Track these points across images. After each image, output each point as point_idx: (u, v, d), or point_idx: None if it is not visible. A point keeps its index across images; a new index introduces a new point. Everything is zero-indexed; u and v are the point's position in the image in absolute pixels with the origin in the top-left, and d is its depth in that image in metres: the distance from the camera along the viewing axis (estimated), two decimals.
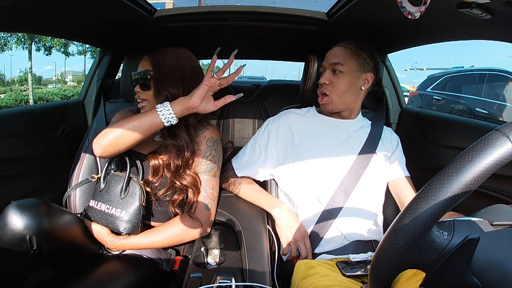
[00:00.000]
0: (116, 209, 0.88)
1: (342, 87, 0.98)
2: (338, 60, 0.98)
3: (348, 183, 0.96)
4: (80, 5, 0.88)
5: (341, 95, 0.99)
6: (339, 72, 0.98)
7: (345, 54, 0.99)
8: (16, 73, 18.03)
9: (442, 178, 0.36)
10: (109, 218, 0.88)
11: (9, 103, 11.33)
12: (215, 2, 9.85)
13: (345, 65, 0.98)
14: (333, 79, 0.98)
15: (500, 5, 0.62)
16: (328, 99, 1.00)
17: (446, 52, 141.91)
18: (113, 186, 0.91)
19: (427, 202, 0.35)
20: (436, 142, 1.21)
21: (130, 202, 0.88)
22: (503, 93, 4.31)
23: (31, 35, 10.49)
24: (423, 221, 0.36)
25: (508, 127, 0.35)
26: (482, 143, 0.35)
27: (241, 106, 2.04)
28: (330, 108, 1.01)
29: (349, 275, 0.81)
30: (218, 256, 0.87)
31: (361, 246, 0.93)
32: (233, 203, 1.02)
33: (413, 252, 0.37)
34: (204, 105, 0.86)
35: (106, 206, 0.89)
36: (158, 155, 0.91)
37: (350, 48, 1.00)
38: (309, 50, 1.27)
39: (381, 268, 0.38)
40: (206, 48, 1.45)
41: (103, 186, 0.92)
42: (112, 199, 0.90)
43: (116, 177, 0.92)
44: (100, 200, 0.91)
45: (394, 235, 0.37)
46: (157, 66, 0.92)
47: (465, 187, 0.35)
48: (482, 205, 0.46)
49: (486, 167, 0.34)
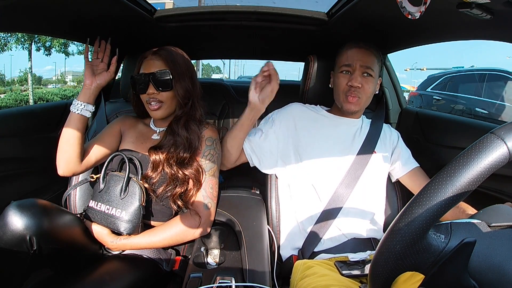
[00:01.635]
0: (116, 209, 0.88)
1: (370, 91, 0.99)
2: (370, 64, 0.98)
3: (348, 182, 0.96)
4: (80, 5, 0.87)
5: (368, 98, 1.01)
6: (368, 75, 0.98)
7: (373, 58, 0.99)
8: (16, 73, 18.05)
9: (436, 183, 0.36)
10: (109, 218, 0.88)
11: (9, 103, 11.33)
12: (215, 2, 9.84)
13: (374, 70, 0.99)
14: (363, 82, 0.98)
15: (500, 5, 0.62)
16: (358, 101, 0.99)
17: (446, 52, 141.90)
18: (113, 186, 0.90)
19: (422, 207, 0.36)
20: (436, 142, 1.22)
21: (130, 202, 0.88)
22: (503, 93, 4.31)
23: (31, 35, 10.49)
24: (418, 226, 0.36)
25: (504, 130, 0.35)
26: (476, 146, 0.35)
27: (241, 106, 2.04)
28: (356, 109, 1.00)
29: (347, 275, 0.81)
30: (218, 256, 0.87)
31: (360, 244, 0.93)
32: (233, 203, 1.02)
33: (410, 255, 0.37)
34: (99, 79, 0.93)
35: (106, 206, 0.89)
36: (159, 150, 0.90)
37: (373, 52, 1.00)
38: (309, 50, 1.27)
39: (379, 271, 0.39)
40: (206, 48, 1.45)
41: (103, 186, 0.92)
42: (112, 199, 0.89)
43: (116, 177, 0.91)
44: (99, 201, 0.90)
45: (390, 240, 0.37)
46: (174, 65, 0.92)
47: (460, 191, 0.35)
48: (481, 205, 0.46)
49: (481, 172, 0.34)
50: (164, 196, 0.92)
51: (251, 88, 0.93)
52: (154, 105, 0.93)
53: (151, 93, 0.92)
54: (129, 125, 1.03)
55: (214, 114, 2.05)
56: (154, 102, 0.93)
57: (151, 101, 0.93)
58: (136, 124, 1.04)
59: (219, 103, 1.98)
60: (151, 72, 0.91)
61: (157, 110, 0.94)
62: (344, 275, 0.81)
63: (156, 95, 0.92)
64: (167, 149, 0.90)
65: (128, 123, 1.04)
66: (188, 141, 0.91)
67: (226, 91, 2.01)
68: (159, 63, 0.92)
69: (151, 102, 0.93)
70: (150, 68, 0.92)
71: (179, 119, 0.94)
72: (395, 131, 1.11)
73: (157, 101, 0.93)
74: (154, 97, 0.92)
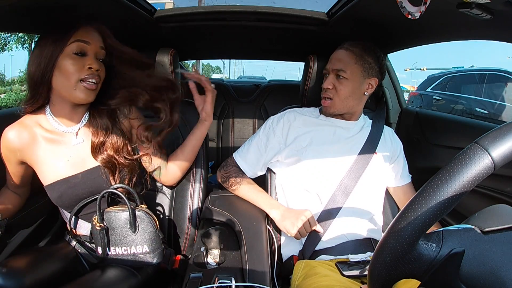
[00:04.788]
0: (136, 246, 0.81)
1: (345, 93, 0.98)
2: (341, 66, 0.97)
3: (348, 182, 0.96)
4: (79, 5, 0.87)
5: (343, 100, 0.99)
6: (342, 77, 0.97)
7: (349, 59, 0.97)
8: (16, 73, 18.00)
9: (421, 197, 0.36)
10: (132, 257, 0.82)
11: (9, 103, 11.33)
12: (215, 2, 9.85)
13: (349, 71, 0.96)
14: (336, 84, 0.98)
15: (500, 5, 0.62)
16: (331, 103, 1.00)
17: (446, 52, 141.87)
18: (117, 224, 0.81)
19: (407, 221, 0.36)
20: (436, 142, 1.22)
21: (146, 234, 0.81)
22: (503, 93, 4.31)
23: (31, 35, 10.49)
24: (405, 239, 0.36)
25: (487, 139, 0.34)
26: (460, 158, 0.35)
27: (241, 106, 2.04)
28: (332, 111, 1.01)
29: (348, 275, 0.81)
30: (218, 256, 0.87)
31: (360, 245, 0.93)
32: (233, 203, 1.02)
33: (402, 265, 0.37)
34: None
35: (124, 248, 0.81)
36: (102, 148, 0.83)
37: (355, 52, 0.98)
38: (309, 50, 1.27)
39: (375, 280, 0.39)
40: (206, 48, 1.45)
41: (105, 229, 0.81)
42: (125, 238, 0.81)
43: (114, 215, 0.81)
44: (112, 245, 0.81)
45: (381, 253, 0.38)
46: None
47: (444, 205, 0.35)
48: (481, 205, 0.46)
49: (464, 185, 0.34)
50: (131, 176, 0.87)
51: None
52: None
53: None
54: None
55: (214, 114, 2.05)
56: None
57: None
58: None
59: (219, 103, 1.98)
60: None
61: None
62: (345, 276, 0.81)
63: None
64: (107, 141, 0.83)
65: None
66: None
67: (226, 91, 2.01)
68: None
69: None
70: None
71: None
72: (399, 140, 1.10)
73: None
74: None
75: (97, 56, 0.79)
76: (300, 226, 0.90)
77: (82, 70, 0.76)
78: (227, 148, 2.00)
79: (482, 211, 0.43)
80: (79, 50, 0.76)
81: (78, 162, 0.82)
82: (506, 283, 0.35)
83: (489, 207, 0.44)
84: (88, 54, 0.77)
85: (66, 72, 0.75)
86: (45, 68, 0.75)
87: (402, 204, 1.05)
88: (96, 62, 0.78)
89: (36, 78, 0.76)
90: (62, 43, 0.75)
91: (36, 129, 0.80)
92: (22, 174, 0.85)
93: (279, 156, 1.04)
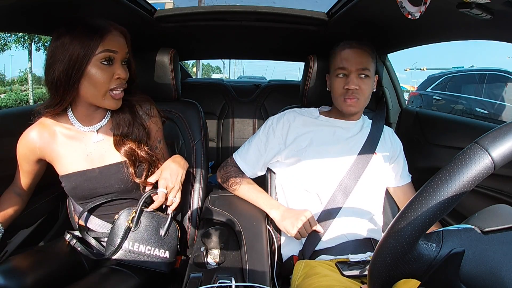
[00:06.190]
0: (159, 249, 0.84)
1: (368, 91, 0.99)
2: (365, 65, 0.97)
3: (348, 182, 0.96)
4: (79, 5, 0.88)
5: (367, 98, 1.00)
6: (365, 76, 0.97)
7: (368, 58, 0.98)
8: (16, 73, 17.99)
9: (421, 197, 0.36)
10: (149, 258, 0.83)
11: (9, 103, 11.33)
12: (215, 2, 9.84)
13: (371, 70, 0.98)
14: (360, 83, 0.97)
15: (500, 5, 0.62)
16: (357, 103, 0.98)
17: (446, 52, 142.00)
18: (149, 224, 0.85)
19: (407, 221, 0.36)
20: (436, 142, 1.22)
21: (170, 242, 0.86)
22: (503, 93, 4.31)
23: (31, 35, 10.50)
24: (405, 239, 0.36)
25: (487, 139, 0.34)
26: (460, 158, 0.35)
27: (241, 106, 2.04)
28: (355, 110, 1.00)
29: (348, 275, 0.81)
30: (218, 256, 0.87)
31: (360, 245, 0.93)
32: (233, 203, 1.02)
33: (402, 265, 0.37)
34: None
35: (148, 247, 0.83)
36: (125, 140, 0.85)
37: (368, 51, 0.99)
38: (309, 50, 1.27)
39: (375, 280, 0.39)
40: (206, 48, 1.45)
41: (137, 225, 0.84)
42: (152, 238, 0.84)
43: (152, 216, 0.86)
44: (135, 241, 0.83)
45: (381, 253, 0.38)
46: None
47: (444, 205, 0.35)
48: (481, 205, 0.46)
49: (464, 185, 0.34)
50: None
51: None
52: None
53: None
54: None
55: (214, 114, 2.05)
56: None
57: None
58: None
59: (219, 103, 1.98)
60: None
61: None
62: (345, 276, 0.81)
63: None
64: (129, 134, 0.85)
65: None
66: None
67: (226, 91, 2.01)
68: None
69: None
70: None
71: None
72: (399, 141, 1.10)
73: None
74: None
75: (123, 61, 0.80)
76: (300, 226, 0.90)
77: (112, 80, 0.77)
78: (227, 148, 2.00)
79: (482, 211, 0.43)
80: (107, 59, 0.76)
81: (97, 157, 0.84)
82: (506, 283, 0.35)
83: (489, 207, 0.44)
84: (115, 61, 0.77)
85: (95, 82, 0.75)
86: (73, 75, 0.73)
87: (402, 204, 1.05)
88: (123, 69, 0.78)
89: (63, 84, 0.74)
90: (90, 51, 0.73)
91: (56, 128, 0.82)
92: (35, 173, 0.87)
93: (279, 156, 1.04)
